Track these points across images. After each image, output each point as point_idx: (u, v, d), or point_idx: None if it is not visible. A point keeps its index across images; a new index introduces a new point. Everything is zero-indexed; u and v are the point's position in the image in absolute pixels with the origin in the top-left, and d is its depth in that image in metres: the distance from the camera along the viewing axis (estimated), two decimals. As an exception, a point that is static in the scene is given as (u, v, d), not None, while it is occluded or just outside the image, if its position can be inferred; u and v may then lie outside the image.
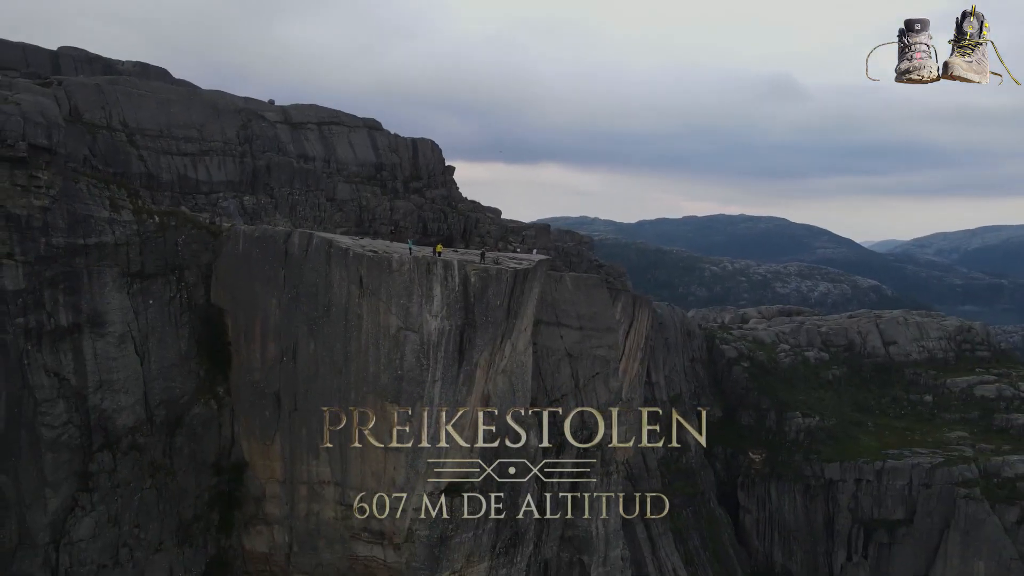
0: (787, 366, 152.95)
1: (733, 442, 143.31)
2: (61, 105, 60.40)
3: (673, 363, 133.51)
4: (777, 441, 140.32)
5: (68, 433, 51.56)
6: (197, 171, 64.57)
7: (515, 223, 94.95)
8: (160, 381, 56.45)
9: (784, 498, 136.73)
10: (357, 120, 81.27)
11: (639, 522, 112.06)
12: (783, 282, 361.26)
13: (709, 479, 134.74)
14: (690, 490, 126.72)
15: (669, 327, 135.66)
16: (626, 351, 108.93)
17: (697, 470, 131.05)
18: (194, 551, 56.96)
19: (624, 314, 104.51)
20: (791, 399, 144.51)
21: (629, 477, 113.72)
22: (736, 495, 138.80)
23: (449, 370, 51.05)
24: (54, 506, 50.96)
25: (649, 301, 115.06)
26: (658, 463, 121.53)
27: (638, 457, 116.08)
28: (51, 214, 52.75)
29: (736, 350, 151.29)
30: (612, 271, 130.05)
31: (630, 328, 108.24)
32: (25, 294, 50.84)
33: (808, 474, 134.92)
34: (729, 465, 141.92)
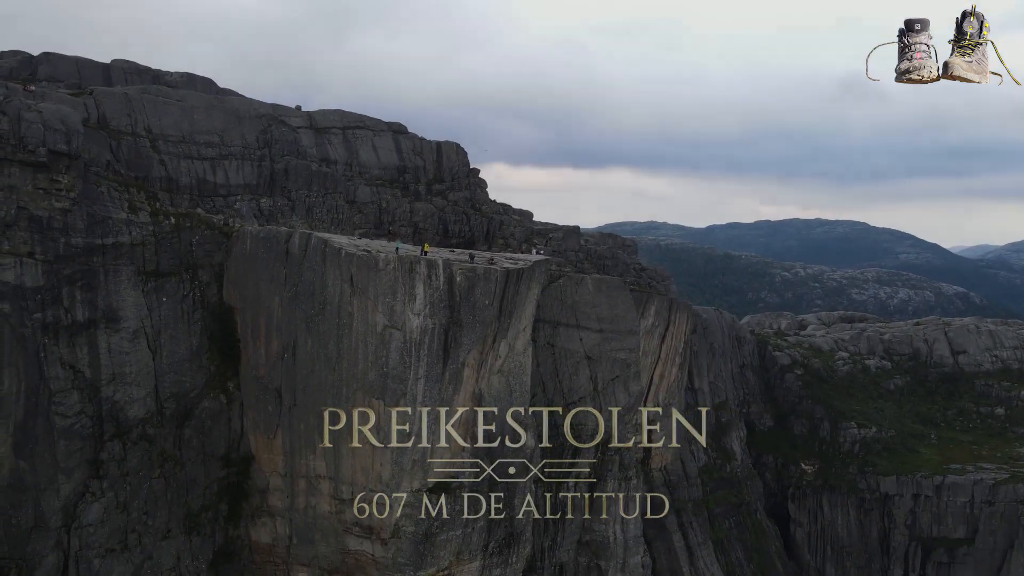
0: (844, 374, 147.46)
1: (784, 452, 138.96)
2: (90, 113, 64.16)
3: (718, 369, 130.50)
4: (830, 452, 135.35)
5: (81, 422, 54.58)
6: (216, 175, 67.43)
7: (542, 225, 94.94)
8: (171, 375, 59.07)
9: (837, 511, 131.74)
10: (382, 124, 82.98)
11: (676, 530, 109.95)
12: (860, 288, 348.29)
13: (756, 489, 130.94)
14: (734, 499, 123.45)
15: (715, 332, 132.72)
16: (662, 356, 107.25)
17: (743, 479, 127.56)
18: (202, 540, 59.28)
19: (659, 318, 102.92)
20: (847, 408, 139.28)
21: (666, 484, 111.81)
22: (786, 507, 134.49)
23: (433, 368, 51.64)
24: (66, 491, 54.01)
25: (688, 305, 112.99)
26: (699, 471, 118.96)
27: (676, 464, 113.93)
28: (71, 215, 56.01)
29: (789, 357, 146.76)
30: (655, 275, 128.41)
31: (665, 332, 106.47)
32: (44, 291, 54.15)
33: (863, 487, 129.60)
34: (779, 475, 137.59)
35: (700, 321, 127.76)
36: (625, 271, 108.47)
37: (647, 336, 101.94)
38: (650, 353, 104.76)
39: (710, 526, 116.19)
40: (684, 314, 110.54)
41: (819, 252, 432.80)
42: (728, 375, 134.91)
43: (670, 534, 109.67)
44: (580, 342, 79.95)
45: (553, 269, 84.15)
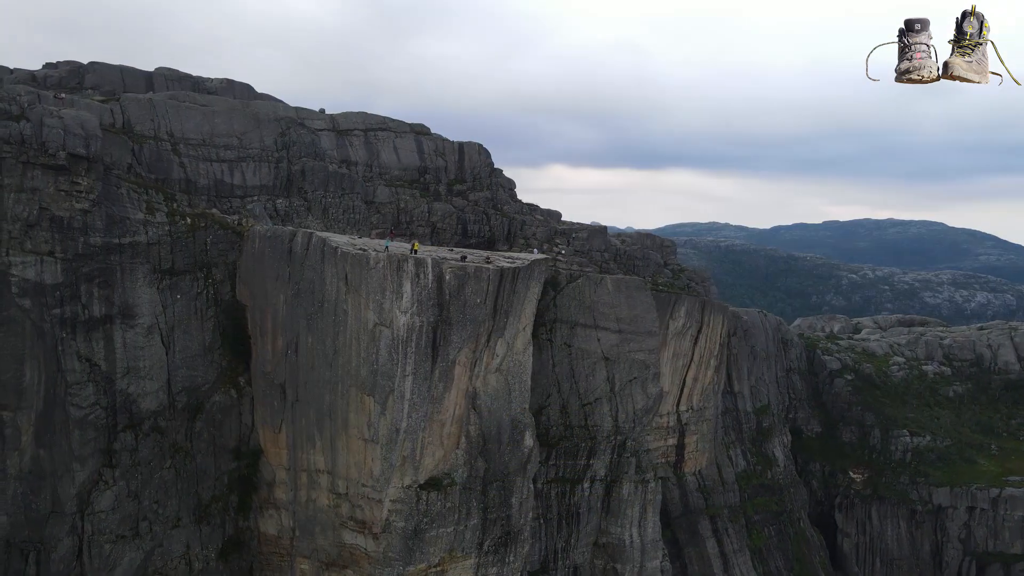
0: (899, 380, 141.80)
1: (832, 459, 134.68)
2: (115, 118, 67.24)
3: (760, 372, 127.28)
4: (881, 461, 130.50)
5: (95, 413, 57.24)
6: (233, 176, 69.68)
7: (567, 224, 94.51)
8: (183, 370, 61.34)
9: (887, 523, 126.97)
10: (404, 126, 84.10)
11: (710, 536, 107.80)
12: (933, 292, 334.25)
13: (801, 497, 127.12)
14: (774, 507, 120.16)
15: (757, 335, 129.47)
16: (695, 358, 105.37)
17: (785, 486, 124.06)
18: (211, 529, 61.34)
19: (690, 319, 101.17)
20: (899, 416, 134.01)
21: (701, 489, 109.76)
22: (833, 516, 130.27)
23: (421, 366, 52.14)
24: (81, 479, 56.72)
25: (724, 307, 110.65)
26: (736, 476, 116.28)
27: (712, 468, 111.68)
28: (90, 216, 58.81)
29: (839, 361, 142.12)
30: (694, 276, 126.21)
31: (698, 334, 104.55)
32: (62, 287, 57.02)
33: (914, 498, 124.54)
34: (826, 484, 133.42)
35: (740, 323, 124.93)
36: (657, 271, 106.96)
37: (678, 337, 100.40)
38: (682, 355, 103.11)
39: (747, 533, 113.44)
40: (720, 316, 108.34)
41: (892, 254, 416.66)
42: (772, 379, 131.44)
43: (703, 540, 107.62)
44: (598, 342, 79.33)
45: (574, 269, 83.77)
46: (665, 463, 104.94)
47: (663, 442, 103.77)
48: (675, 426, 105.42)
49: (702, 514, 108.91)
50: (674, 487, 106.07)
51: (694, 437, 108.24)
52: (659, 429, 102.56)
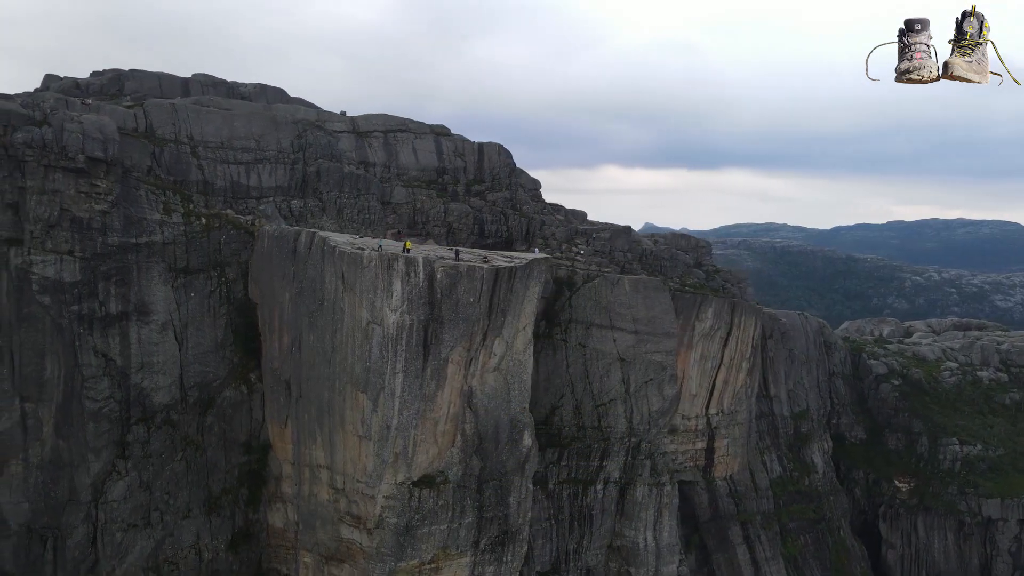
0: (951, 386, 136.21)
1: (877, 467, 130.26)
2: (138, 123, 69.86)
3: (798, 376, 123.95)
4: (928, 469, 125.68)
5: (109, 407, 59.63)
6: (249, 177, 71.57)
7: (590, 225, 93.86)
8: (195, 365, 63.35)
9: (933, 534, 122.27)
10: (425, 127, 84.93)
11: (740, 543, 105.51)
12: (1005, 295, 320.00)
13: (841, 505, 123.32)
14: (812, 514, 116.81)
15: (797, 337, 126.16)
16: (725, 360, 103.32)
17: (824, 494, 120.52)
18: (221, 521, 63.17)
19: (718, 320, 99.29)
20: (949, 423, 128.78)
21: (732, 494, 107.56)
22: (877, 526, 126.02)
23: (412, 364, 52.63)
24: (95, 469, 59.17)
25: (757, 308, 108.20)
26: (771, 482, 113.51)
27: (744, 473, 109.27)
28: (109, 216, 61.32)
29: (886, 366, 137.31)
30: (729, 277, 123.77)
31: (728, 336, 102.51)
32: (81, 285, 59.60)
33: (963, 509, 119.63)
34: (870, 492, 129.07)
35: (777, 325, 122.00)
36: (687, 272, 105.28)
37: (705, 339, 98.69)
38: (710, 357, 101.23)
39: (781, 541, 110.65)
40: (752, 317, 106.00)
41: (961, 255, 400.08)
42: (812, 383, 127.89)
43: (733, 546, 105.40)
44: (613, 343, 78.67)
45: (592, 269, 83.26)
46: (694, 467, 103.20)
47: (691, 445, 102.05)
48: (704, 429, 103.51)
49: (733, 520, 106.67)
50: (703, 491, 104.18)
51: (724, 441, 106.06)
52: (686, 432, 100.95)
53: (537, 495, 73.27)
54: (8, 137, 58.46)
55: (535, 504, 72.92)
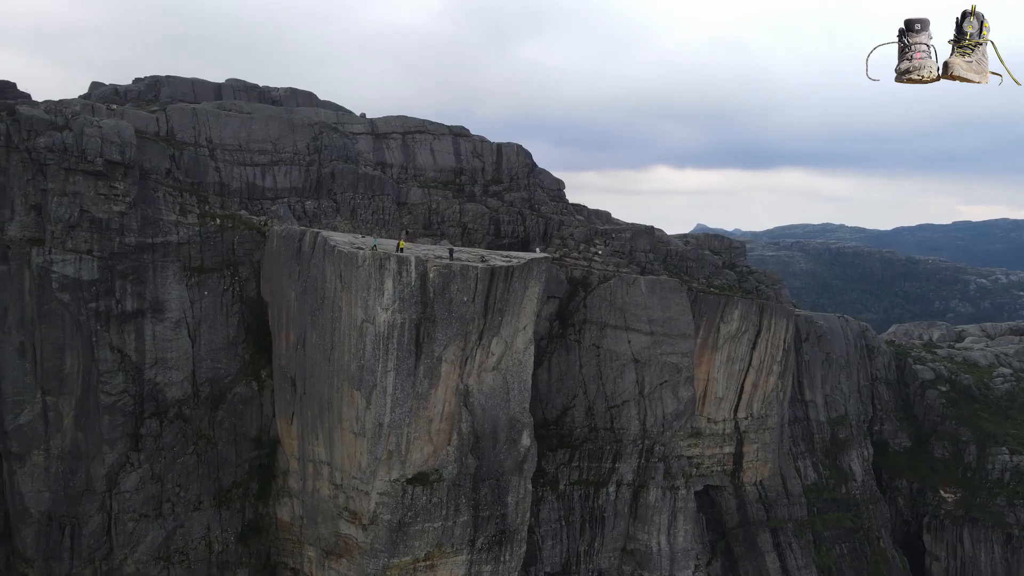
0: (1003, 393, 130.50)
1: (922, 476, 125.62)
2: (160, 127, 72.31)
3: (836, 380, 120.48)
4: (976, 480, 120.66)
5: (123, 401, 61.85)
6: (264, 179, 73.30)
7: (613, 225, 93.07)
8: (208, 362, 65.19)
9: (980, 547, 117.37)
10: (443, 128, 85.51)
11: (770, 550, 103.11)
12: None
13: (882, 514, 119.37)
14: (849, 523, 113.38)
15: (835, 341, 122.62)
16: (754, 363, 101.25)
17: (863, 502, 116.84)
18: (231, 514, 64.82)
19: (745, 322, 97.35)
20: (999, 432, 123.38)
21: (762, 500, 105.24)
22: (921, 537, 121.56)
23: (404, 362, 53.09)
24: (110, 460, 61.43)
25: (789, 310, 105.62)
26: (804, 489, 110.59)
27: (775, 479, 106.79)
28: (127, 217, 63.64)
29: (933, 371, 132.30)
30: (764, 278, 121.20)
31: (757, 338, 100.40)
32: (98, 283, 62.00)
33: (1011, 521, 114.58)
34: (914, 502, 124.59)
35: (814, 328, 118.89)
36: (715, 273, 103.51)
37: (732, 341, 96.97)
38: (738, 360, 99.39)
39: (815, 550, 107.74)
40: (783, 319, 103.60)
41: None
42: (852, 388, 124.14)
43: (762, 553, 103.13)
44: (628, 344, 77.90)
45: (608, 270, 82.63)
46: (721, 471, 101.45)
47: (718, 450, 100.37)
48: (732, 433, 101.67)
49: (763, 527, 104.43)
50: (731, 497, 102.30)
51: (754, 446, 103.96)
52: (713, 436, 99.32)
53: (547, 496, 73.13)
54: (31, 142, 61.25)
55: (544, 505, 72.80)
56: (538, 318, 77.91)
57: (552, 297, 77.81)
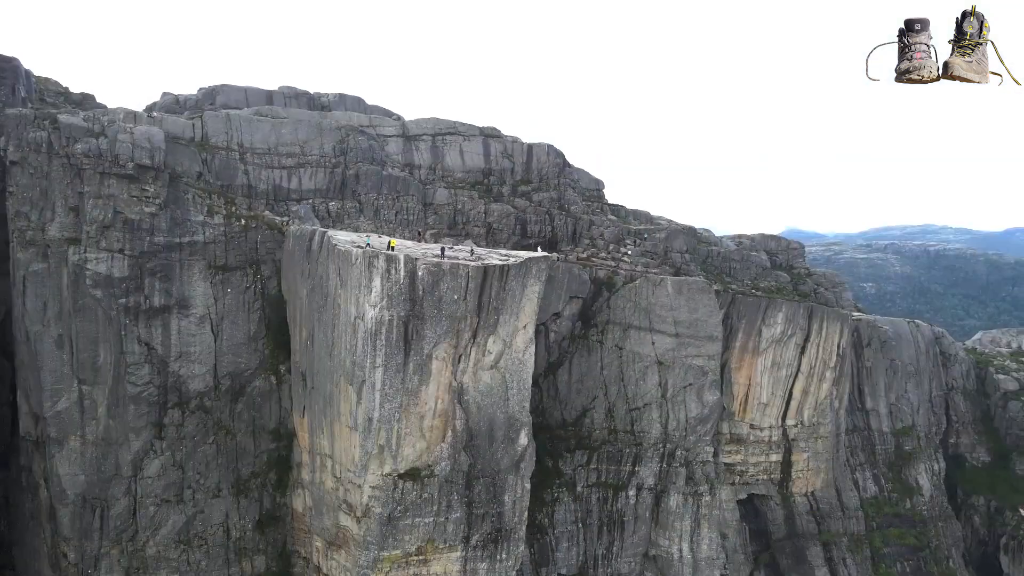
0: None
1: (1001, 493, 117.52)
2: (196, 132, 75.98)
3: (902, 389, 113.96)
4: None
5: (148, 391, 65.41)
6: (290, 181, 75.75)
7: (654, 224, 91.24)
8: (229, 356, 68.10)
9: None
10: (474, 129, 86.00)
11: (821, 565, 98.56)
12: None
13: (953, 532, 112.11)
14: (912, 540, 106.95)
15: (904, 347, 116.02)
16: (802, 369, 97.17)
17: (930, 519, 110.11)
18: (249, 503, 67.42)
19: (790, 326, 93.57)
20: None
21: (813, 512, 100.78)
22: (997, 558, 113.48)
23: (393, 358, 53.84)
24: (135, 447, 65.09)
25: (843, 314, 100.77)
26: (861, 502, 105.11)
27: (829, 491, 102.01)
28: (157, 218, 67.34)
29: (1017, 382, 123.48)
30: (823, 280, 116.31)
31: (805, 343, 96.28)
32: (128, 280, 65.83)
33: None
34: (992, 521, 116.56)
35: (877, 333, 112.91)
36: (761, 275, 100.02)
37: (777, 345, 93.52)
38: (784, 365, 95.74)
39: (872, 566, 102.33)
40: (836, 323, 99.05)
41: None
42: (922, 398, 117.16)
43: (812, 568, 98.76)
44: (652, 346, 76.32)
45: (636, 270, 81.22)
46: (767, 480, 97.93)
47: (764, 458, 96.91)
48: (779, 441, 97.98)
49: (813, 540, 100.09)
50: (777, 507, 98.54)
51: (804, 455, 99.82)
52: (757, 443, 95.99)
53: (563, 497, 72.53)
54: (70, 148, 65.69)
55: (560, 506, 72.25)
56: (560, 318, 77.50)
57: (575, 297, 77.16)
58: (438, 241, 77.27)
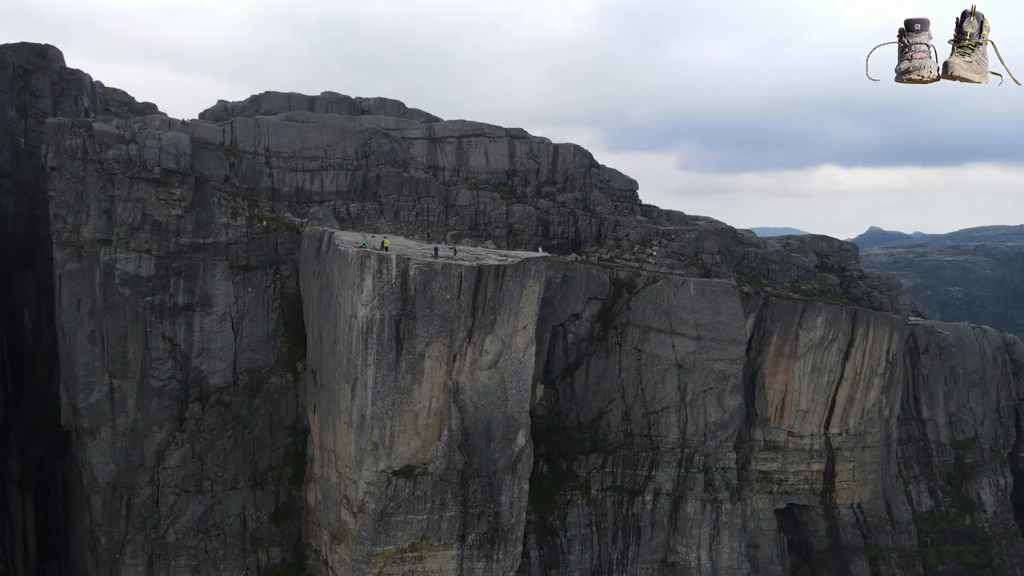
0: None
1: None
2: (226, 138, 78.95)
3: (963, 399, 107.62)
4: None
5: (171, 385, 68.32)
6: (312, 184, 77.62)
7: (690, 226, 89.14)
8: (248, 353, 70.41)
9: None
10: (500, 131, 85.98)
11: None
12: None
13: (1018, 551, 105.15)
14: (972, 558, 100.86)
15: (966, 354, 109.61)
16: (847, 375, 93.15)
17: (993, 537, 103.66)
18: (265, 495, 69.51)
19: (832, 330, 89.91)
20: None
21: (859, 525, 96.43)
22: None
23: (385, 357, 54.48)
24: (158, 439, 68.07)
25: (893, 318, 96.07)
26: (915, 517, 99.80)
27: (878, 503, 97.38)
28: (183, 220, 70.33)
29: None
30: (877, 283, 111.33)
31: (849, 348, 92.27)
32: (154, 279, 68.98)
33: None
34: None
35: (935, 339, 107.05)
36: (803, 276, 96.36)
37: (817, 350, 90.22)
38: (826, 371, 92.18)
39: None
40: (884, 328, 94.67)
41: None
42: (988, 408, 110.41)
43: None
44: (672, 349, 74.70)
45: (659, 271, 79.67)
46: (808, 490, 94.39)
47: (804, 467, 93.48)
48: (821, 450, 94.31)
49: (859, 553, 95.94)
50: (819, 518, 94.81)
51: (850, 465, 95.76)
52: (797, 451, 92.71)
53: (576, 500, 71.81)
54: (103, 154, 69.32)
55: (573, 508, 71.55)
56: (579, 319, 76.79)
57: (594, 298, 76.28)
58: (458, 242, 77.82)
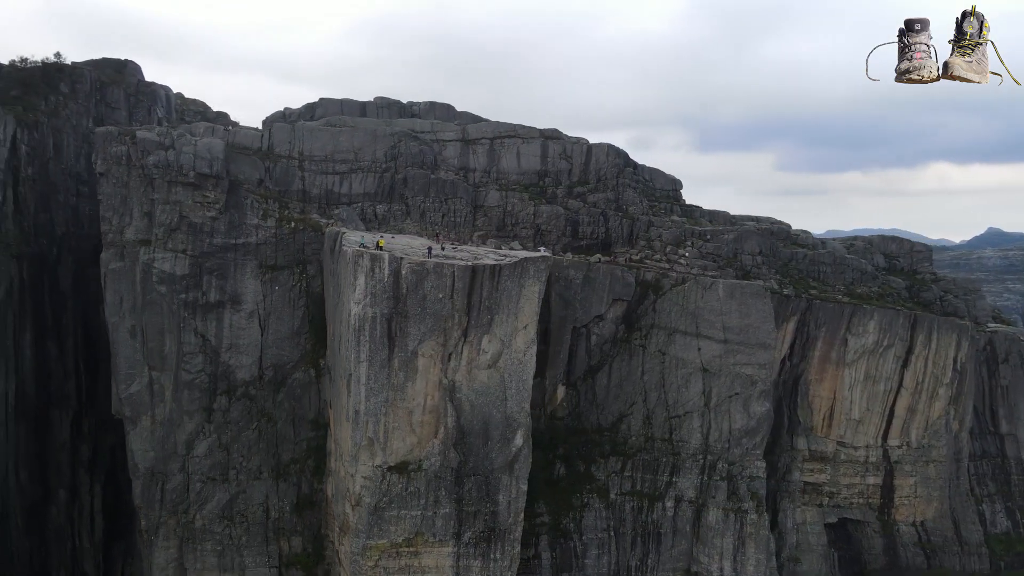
0: None
1: None
2: (263, 143, 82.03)
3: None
4: None
5: (200, 379, 71.65)
6: (342, 186, 79.36)
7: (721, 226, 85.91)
8: (273, 349, 72.98)
9: None
10: (534, 132, 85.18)
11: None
12: None
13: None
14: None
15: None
16: (906, 384, 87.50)
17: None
18: (288, 486, 71.78)
19: (887, 336, 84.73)
20: None
21: (922, 544, 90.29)
22: None
23: (377, 354, 55.17)
24: (189, 429, 71.52)
25: (959, 324, 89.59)
26: (987, 538, 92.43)
27: (944, 521, 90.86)
28: (216, 221, 73.79)
29: None
30: (952, 287, 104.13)
31: (908, 356, 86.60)
32: (188, 278, 72.61)
33: None
34: None
35: (1016, 346, 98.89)
36: (859, 279, 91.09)
37: (870, 357, 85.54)
38: (882, 379, 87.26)
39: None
40: (949, 335, 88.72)
41: None
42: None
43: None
44: (698, 352, 72.28)
45: (691, 273, 77.25)
46: (863, 504, 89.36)
47: (858, 480, 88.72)
48: (879, 463, 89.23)
49: (920, 575, 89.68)
50: (875, 535, 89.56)
51: (911, 480, 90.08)
52: (850, 463, 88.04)
53: (593, 503, 70.54)
54: (145, 160, 73.59)
55: (589, 512, 70.34)
56: (603, 321, 75.46)
57: (619, 300, 74.73)
58: (485, 243, 78.06)
